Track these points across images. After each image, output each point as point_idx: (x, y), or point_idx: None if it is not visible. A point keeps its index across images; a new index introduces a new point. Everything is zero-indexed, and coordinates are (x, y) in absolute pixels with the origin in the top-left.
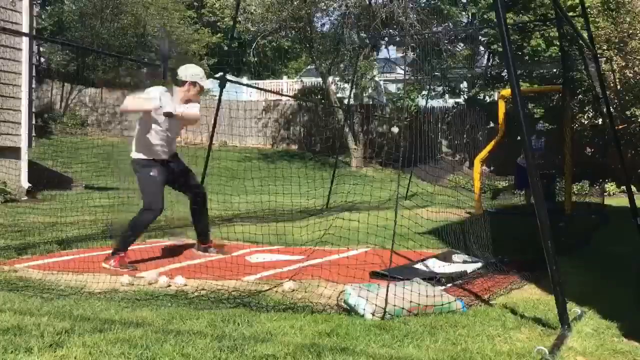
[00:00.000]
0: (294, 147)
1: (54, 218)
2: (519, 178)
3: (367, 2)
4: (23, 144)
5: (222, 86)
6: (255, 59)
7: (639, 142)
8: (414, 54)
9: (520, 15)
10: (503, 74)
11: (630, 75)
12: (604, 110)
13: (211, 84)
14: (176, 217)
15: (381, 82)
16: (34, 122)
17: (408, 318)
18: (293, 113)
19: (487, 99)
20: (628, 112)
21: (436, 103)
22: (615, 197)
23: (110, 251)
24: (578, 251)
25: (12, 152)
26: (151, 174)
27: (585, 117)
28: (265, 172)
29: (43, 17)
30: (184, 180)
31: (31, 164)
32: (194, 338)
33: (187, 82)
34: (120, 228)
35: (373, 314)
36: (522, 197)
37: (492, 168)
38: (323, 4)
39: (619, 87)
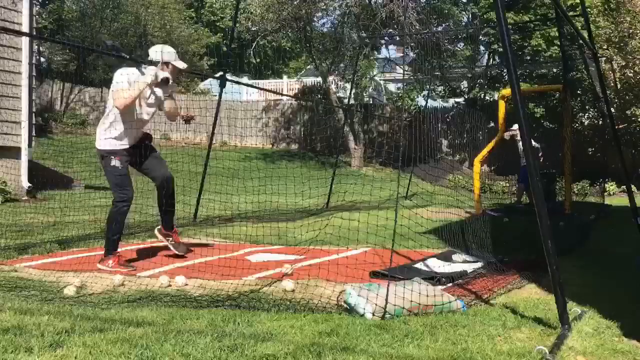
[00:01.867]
0: (294, 146)
1: (54, 218)
2: (522, 174)
3: (367, 2)
4: (23, 144)
5: (222, 86)
6: (258, 60)
7: (639, 142)
8: (413, 54)
9: (520, 15)
10: (503, 73)
11: (630, 75)
12: (604, 110)
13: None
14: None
15: (381, 82)
16: (34, 122)
17: (408, 318)
18: (293, 113)
19: (488, 98)
20: (628, 112)
21: (436, 103)
22: (615, 197)
23: (103, 253)
24: (578, 251)
25: (12, 152)
26: (113, 164)
27: (586, 117)
28: (265, 172)
29: (44, 15)
30: (151, 165)
31: (31, 164)
32: (194, 338)
33: (158, 63)
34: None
35: (373, 314)
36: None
37: (492, 168)
38: (323, 3)
39: (619, 87)
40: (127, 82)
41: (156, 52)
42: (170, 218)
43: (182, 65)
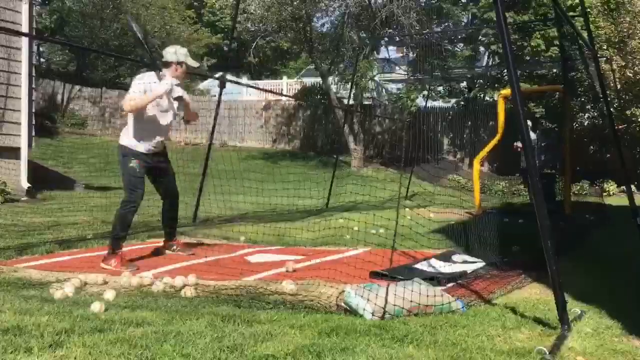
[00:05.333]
0: (295, 146)
1: (54, 218)
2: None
3: (367, 2)
4: (23, 144)
5: (222, 86)
6: (256, 59)
7: (639, 142)
8: (413, 54)
9: (521, 15)
10: (503, 73)
11: (630, 75)
12: (604, 110)
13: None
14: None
15: (381, 82)
16: (34, 122)
17: (408, 318)
18: (293, 113)
19: (488, 98)
20: (628, 112)
21: (437, 103)
22: (615, 197)
23: (106, 252)
24: (578, 251)
25: (12, 152)
26: (131, 165)
27: (586, 117)
28: (265, 172)
29: (43, 15)
30: (164, 182)
31: (31, 164)
32: (194, 338)
33: (172, 63)
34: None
35: (373, 314)
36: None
37: (492, 168)
38: (323, 4)
39: (619, 87)
40: (142, 90)
41: (172, 53)
42: (172, 231)
43: (195, 64)
